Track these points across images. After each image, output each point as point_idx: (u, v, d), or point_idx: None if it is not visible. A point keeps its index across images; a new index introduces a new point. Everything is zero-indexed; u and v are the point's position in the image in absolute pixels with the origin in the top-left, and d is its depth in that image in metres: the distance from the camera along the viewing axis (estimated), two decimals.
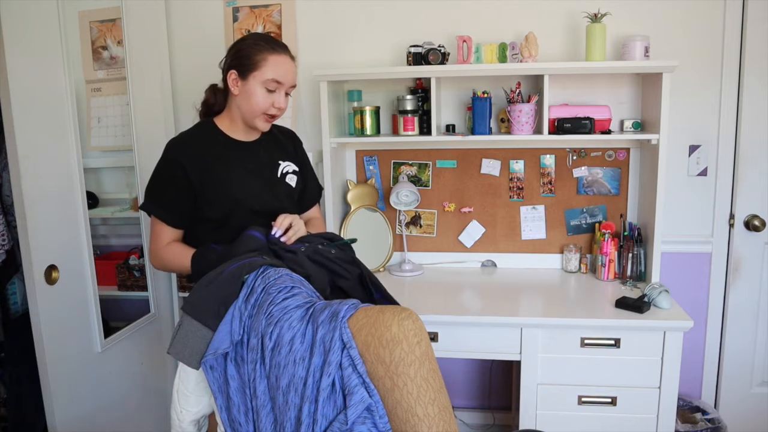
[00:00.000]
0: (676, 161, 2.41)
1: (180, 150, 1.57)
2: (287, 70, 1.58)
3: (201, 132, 1.64)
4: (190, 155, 1.56)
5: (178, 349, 1.35)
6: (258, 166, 1.66)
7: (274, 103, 1.57)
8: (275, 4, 2.54)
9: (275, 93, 1.56)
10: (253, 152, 1.66)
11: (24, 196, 1.72)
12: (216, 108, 1.68)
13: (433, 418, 1.19)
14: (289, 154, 1.75)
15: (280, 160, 1.71)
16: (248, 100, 1.57)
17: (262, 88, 1.55)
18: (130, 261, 2.43)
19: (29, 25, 1.76)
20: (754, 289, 2.46)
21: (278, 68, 1.56)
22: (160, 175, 1.59)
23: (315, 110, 2.50)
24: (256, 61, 1.55)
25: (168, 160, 1.57)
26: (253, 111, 1.58)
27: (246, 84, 1.56)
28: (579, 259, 2.46)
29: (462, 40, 2.27)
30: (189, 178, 1.55)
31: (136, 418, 2.30)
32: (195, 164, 1.55)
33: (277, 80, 1.55)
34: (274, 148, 1.72)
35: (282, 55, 1.58)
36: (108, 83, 2.40)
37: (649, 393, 1.96)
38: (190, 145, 1.59)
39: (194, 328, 1.34)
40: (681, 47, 2.33)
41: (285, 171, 1.71)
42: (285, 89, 1.59)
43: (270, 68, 1.55)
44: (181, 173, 1.54)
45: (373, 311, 1.27)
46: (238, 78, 1.57)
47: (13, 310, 2.29)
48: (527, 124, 2.25)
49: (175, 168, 1.55)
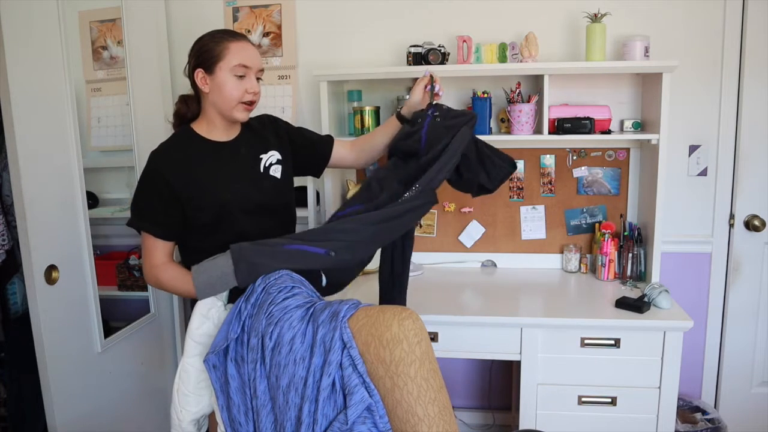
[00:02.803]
0: (676, 161, 2.41)
1: (160, 160, 1.55)
2: (252, 54, 1.55)
3: (180, 140, 1.61)
4: (171, 164, 1.53)
5: (200, 271, 1.40)
6: (240, 165, 1.63)
7: (247, 89, 1.55)
8: (275, 4, 2.54)
9: (246, 78, 1.54)
10: (233, 151, 1.63)
11: (24, 196, 1.72)
12: (189, 116, 1.65)
13: (433, 418, 1.19)
14: (270, 144, 1.71)
15: (261, 154, 1.68)
16: (220, 93, 1.54)
17: (231, 76, 1.53)
18: (130, 261, 2.43)
19: (29, 25, 1.76)
20: (754, 289, 2.46)
21: (242, 53, 1.54)
22: (143, 189, 1.55)
23: (315, 110, 2.50)
24: (219, 52, 1.53)
25: (149, 172, 1.54)
26: (229, 102, 1.55)
27: (214, 78, 1.54)
28: (579, 259, 2.46)
29: (462, 40, 2.27)
30: (173, 188, 1.52)
31: (136, 418, 2.30)
32: (177, 173, 1.53)
33: (244, 64, 1.53)
34: (254, 142, 1.69)
35: (242, 41, 1.56)
36: (108, 83, 2.40)
37: (649, 393, 1.96)
38: (171, 154, 1.56)
39: (227, 269, 1.39)
40: (681, 47, 2.33)
41: (268, 164, 1.68)
42: (254, 73, 1.56)
43: (234, 54, 1.53)
44: (164, 183, 1.52)
45: (373, 311, 1.28)
46: (206, 75, 1.55)
47: (13, 310, 2.28)
48: (527, 124, 2.25)
49: (158, 179, 1.52)
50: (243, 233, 1.55)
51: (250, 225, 1.58)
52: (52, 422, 1.83)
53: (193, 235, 1.58)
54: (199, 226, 1.56)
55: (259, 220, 1.60)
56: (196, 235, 1.58)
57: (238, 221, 1.57)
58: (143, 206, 1.55)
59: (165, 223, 1.54)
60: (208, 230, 1.57)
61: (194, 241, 1.59)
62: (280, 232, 1.60)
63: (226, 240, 1.51)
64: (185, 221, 1.56)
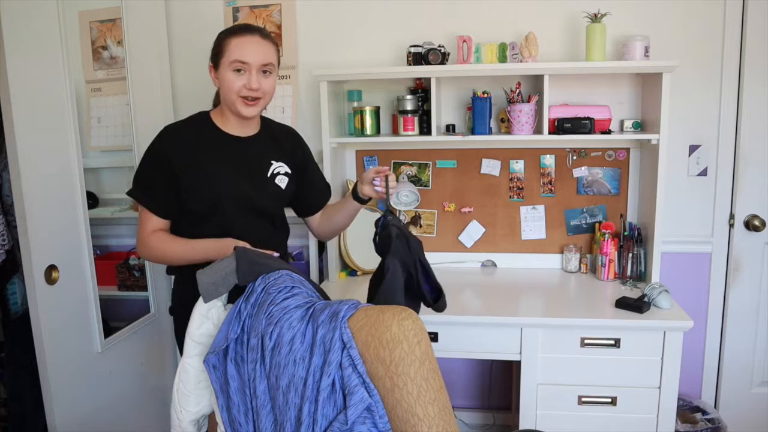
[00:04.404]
0: (676, 161, 2.41)
1: (168, 139, 1.60)
2: (252, 50, 1.57)
3: (193, 123, 1.66)
4: (177, 143, 1.59)
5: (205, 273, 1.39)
6: (248, 164, 1.66)
7: (245, 85, 1.57)
8: (275, 4, 2.54)
9: (245, 74, 1.57)
10: (245, 149, 1.66)
11: (24, 196, 1.72)
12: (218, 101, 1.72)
13: (433, 418, 1.19)
14: (284, 155, 1.75)
15: (273, 160, 1.71)
16: (223, 87, 1.60)
17: (230, 71, 1.57)
18: (130, 261, 2.43)
19: (29, 25, 1.76)
20: (754, 289, 2.46)
21: (239, 49, 1.56)
22: (147, 162, 1.60)
23: (315, 110, 2.50)
24: (221, 48, 1.58)
25: (155, 146, 1.60)
26: (228, 95, 1.59)
27: (219, 73, 1.60)
28: (579, 259, 2.46)
29: (462, 40, 2.27)
30: (173, 166, 1.56)
31: (136, 418, 2.30)
32: (180, 152, 1.57)
33: (240, 60, 1.55)
34: (269, 147, 1.72)
35: (245, 36, 1.58)
36: (108, 83, 2.40)
37: (649, 393, 1.96)
38: (180, 134, 1.62)
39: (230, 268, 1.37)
40: (681, 47, 2.33)
41: (276, 171, 1.71)
42: (255, 69, 1.57)
43: (232, 50, 1.56)
44: (167, 162, 1.56)
45: (373, 311, 1.27)
46: (214, 70, 1.62)
47: (13, 310, 2.28)
48: (527, 124, 2.25)
49: (162, 157, 1.57)
50: (231, 230, 1.59)
51: (241, 223, 1.61)
52: (52, 422, 1.83)
53: (183, 220, 1.62)
54: (190, 212, 1.60)
55: (250, 221, 1.62)
56: (185, 219, 1.62)
57: (229, 217, 1.60)
58: (144, 180, 1.60)
59: (163, 201, 1.59)
60: (197, 218, 1.60)
61: (183, 225, 1.62)
62: (268, 237, 1.64)
63: (212, 233, 1.54)
64: (180, 204, 1.60)
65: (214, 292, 1.41)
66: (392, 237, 1.57)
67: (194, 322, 1.42)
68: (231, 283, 1.40)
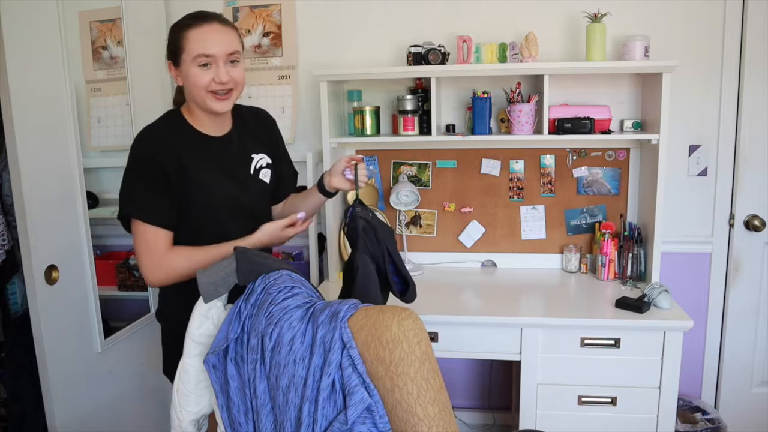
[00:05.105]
0: (676, 161, 2.41)
1: (153, 142, 1.47)
2: (215, 40, 1.43)
3: (171, 124, 1.53)
4: (163, 147, 1.46)
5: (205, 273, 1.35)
6: (232, 165, 1.57)
7: (214, 78, 1.44)
8: (275, 4, 2.54)
9: (212, 67, 1.45)
10: (225, 148, 1.57)
11: (24, 196, 1.72)
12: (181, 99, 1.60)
13: (433, 418, 1.19)
14: (262, 143, 1.65)
15: (253, 153, 1.62)
16: (189, 84, 1.47)
17: (194, 66, 1.44)
18: (130, 261, 2.43)
19: (29, 25, 1.76)
20: (754, 289, 2.46)
21: (200, 41, 1.43)
22: (136, 172, 1.46)
23: (315, 110, 2.50)
24: (179, 43, 1.46)
25: (141, 153, 1.47)
26: (197, 92, 1.47)
27: (181, 69, 1.47)
28: (579, 259, 2.46)
29: (462, 40, 2.27)
30: (166, 172, 1.46)
31: (136, 418, 2.30)
32: (169, 158, 1.46)
33: (205, 53, 1.43)
34: (247, 139, 1.62)
35: (202, 26, 1.44)
36: (108, 83, 2.40)
37: (649, 393, 1.96)
38: (163, 138, 1.48)
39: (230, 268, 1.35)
40: (681, 47, 2.33)
41: (258, 166, 1.62)
42: (221, 60, 1.44)
43: (193, 44, 1.43)
44: (158, 166, 1.45)
45: (373, 311, 1.27)
46: (174, 67, 1.50)
47: (13, 310, 2.28)
48: (527, 124, 2.25)
49: (151, 162, 1.45)
50: (226, 236, 1.53)
51: (234, 228, 1.55)
52: (52, 422, 1.83)
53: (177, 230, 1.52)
54: (183, 222, 1.51)
55: (243, 224, 1.56)
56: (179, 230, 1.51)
57: (223, 223, 1.54)
58: (140, 195, 1.46)
59: (169, 209, 1.47)
60: (191, 229, 1.52)
61: (177, 236, 1.51)
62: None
63: (209, 241, 1.50)
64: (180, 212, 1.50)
65: (214, 292, 1.41)
66: (359, 232, 1.53)
67: (194, 322, 1.42)
68: (231, 283, 1.40)
